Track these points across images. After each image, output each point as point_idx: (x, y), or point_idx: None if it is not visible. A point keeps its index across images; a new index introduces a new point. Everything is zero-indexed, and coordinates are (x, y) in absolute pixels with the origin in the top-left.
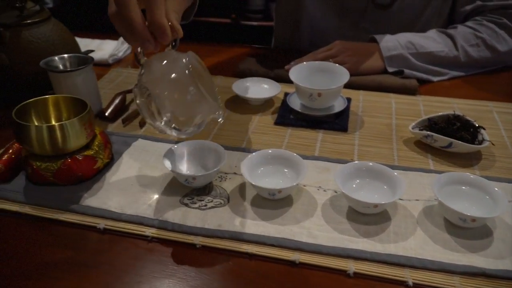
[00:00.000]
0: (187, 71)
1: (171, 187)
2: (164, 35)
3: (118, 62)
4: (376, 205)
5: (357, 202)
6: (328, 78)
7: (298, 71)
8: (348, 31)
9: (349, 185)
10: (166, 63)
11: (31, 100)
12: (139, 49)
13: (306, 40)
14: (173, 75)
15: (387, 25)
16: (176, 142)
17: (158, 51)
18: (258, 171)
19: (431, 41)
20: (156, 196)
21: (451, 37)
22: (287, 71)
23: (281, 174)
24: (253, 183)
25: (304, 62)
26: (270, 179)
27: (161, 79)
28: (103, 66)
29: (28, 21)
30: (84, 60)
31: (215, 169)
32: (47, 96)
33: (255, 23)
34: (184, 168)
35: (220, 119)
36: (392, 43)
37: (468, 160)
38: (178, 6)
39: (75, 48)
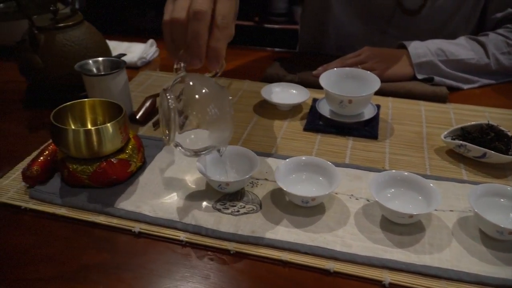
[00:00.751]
0: (229, 98)
1: (203, 191)
2: (217, 63)
3: (146, 64)
4: (411, 216)
5: (391, 212)
6: (358, 85)
7: (327, 77)
8: (375, 36)
9: (383, 194)
10: (209, 82)
11: (68, 103)
12: (181, 64)
13: (333, 45)
14: (216, 94)
15: (415, 31)
16: None
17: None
18: (291, 178)
19: (462, 48)
20: (188, 201)
21: (482, 44)
22: (315, 76)
23: (313, 181)
24: (287, 190)
25: (335, 68)
26: (303, 186)
27: (204, 92)
28: (132, 69)
29: (62, 25)
30: (117, 63)
31: (248, 175)
32: (84, 100)
33: (278, 26)
34: (217, 173)
35: (222, 154)
36: (422, 49)
37: (502, 171)
38: None
39: (107, 51)
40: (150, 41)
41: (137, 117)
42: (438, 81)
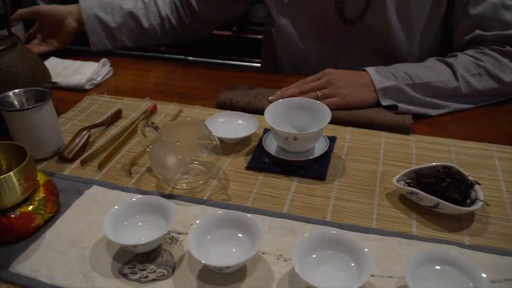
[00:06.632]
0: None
1: (113, 250)
2: None
3: (96, 87)
4: None
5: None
6: (309, 117)
7: (274, 109)
8: (329, 51)
9: (309, 259)
10: None
11: None
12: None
13: (287, 63)
14: None
15: (371, 44)
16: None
17: None
18: (208, 237)
19: (429, 70)
20: (94, 262)
21: (450, 66)
22: (271, 102)
23: (235, 239)
24: (198, 258)
25: (280, 100)
26: (222, 246)
27: None
28: (80, 92)
29: None
30: (43, 94)
31: (159, 236)
32: None
33: (256, 36)
34: (129, 229)
35: None
36: (385, 74)
37: (457, 223)
38: None
39: (44, 77)
40: (103, 60)
41: (65, 154)
42: (403, 108)
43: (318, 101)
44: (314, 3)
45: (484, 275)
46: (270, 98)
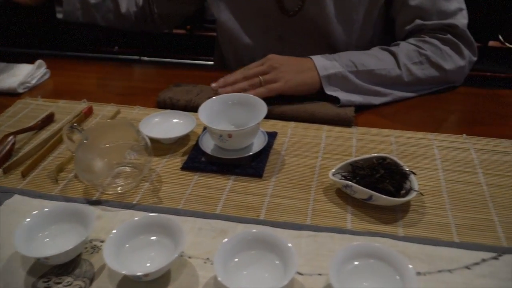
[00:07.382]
0: None
1: (28, 264)
2: None
3: (30, 90)
4: None
5: None
6: (247, 113)
7: (210, 107)
8: (272, 45)
9: (231, 263)
10: None
11: None
12: None
13: (232, 59)
14: None
15: (313, 37)
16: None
17: None
18: (127, 245)
19: (373, 58)
20: (6, 278)
21: (393, 54)
22: (214, 90)
23: (157, 245)
24: (114, 268)
25: (215, 97)
26: (144, 254)
27: None
28: (12, 96)
29: None
30: None
31: (72, 247)
32: None
33: (212, 34)
34: (46, 241)
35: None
36: (330, 61)
37: (392, 214)
38: None
39: None
40: (38, 61)
41: None
42: (345, 101)
43: (254, 96)
44: None
45: (410, 266)
46: (212, 85)
